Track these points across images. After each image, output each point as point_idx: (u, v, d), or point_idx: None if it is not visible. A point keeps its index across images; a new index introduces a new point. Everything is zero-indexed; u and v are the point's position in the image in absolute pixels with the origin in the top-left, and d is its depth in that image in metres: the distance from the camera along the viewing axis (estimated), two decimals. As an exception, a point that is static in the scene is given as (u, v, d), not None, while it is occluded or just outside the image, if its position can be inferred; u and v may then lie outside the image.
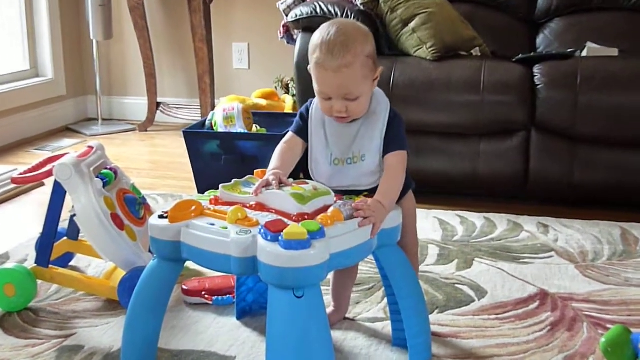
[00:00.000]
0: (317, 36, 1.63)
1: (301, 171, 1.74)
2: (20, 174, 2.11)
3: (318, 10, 3.02)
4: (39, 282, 2.06)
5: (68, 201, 2.01)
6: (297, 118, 1.74)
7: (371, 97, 1.68)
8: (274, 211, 1.52)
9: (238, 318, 1.96)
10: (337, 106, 1.62)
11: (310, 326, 1.39)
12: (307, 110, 1.72)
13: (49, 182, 2.10)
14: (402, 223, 1.67)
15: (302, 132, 1.72)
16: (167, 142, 4.03)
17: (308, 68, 1.67)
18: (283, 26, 3.35)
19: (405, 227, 1.71)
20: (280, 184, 1.58)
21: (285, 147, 1.72)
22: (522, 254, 2.41)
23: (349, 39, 1.59)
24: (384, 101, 1.71)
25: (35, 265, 2.06)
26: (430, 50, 2.95)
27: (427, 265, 2.31)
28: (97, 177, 2.03)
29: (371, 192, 1.65)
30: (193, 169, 2.97)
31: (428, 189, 1.81)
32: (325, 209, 1.53)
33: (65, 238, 2.23)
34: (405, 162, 1.67)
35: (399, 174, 1.65)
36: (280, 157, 1.69)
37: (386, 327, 1.90)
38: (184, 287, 2.07)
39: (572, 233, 2.59)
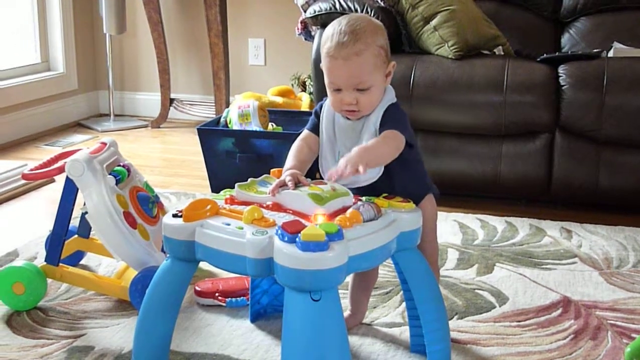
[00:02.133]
0: (329, 29, 1.63)
1: (317, 169, 1.74)
2: (31, 169, 2.11)
3: (337, 6, 3.01)
4: (49, 280, 2.05)
5: (79, 198, 2.00)
6: (312, 115, 1.74)
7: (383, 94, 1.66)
8: (290, 212, 1.52)
9: (252, 321, 1.94)
10: (347, 98, 1.61)
11: (327, 330, 1.39)
12: (321, 107, 1.73)
13: (60, 179, 2.11)
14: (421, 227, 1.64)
15: (317, 129, 1.72)
16: (180, 140, 4.02)
17: (321, 65, 1.67)
18: (301, 22, 3.33)
19: (424, 233, 1.67)
20: (298, 184, 1.57)
21: (301, 145, 1.72)
22: (545, 259, 2.38)
23: (360, 29, 1.59)
24: (391, 93, 1.68)
25: (45, 263, 2.05)
26: (452, 48, 2.92)
27: (447, 269, 2.29)
28: (110, 174, 2.02)
29: (389, 193, 1.63)
30: (207, 167, 2.97)
31: (448, 191, 1.78)
32: (343, 210, 1.52)
33: (76, 236, 2.22)
34: (397, 140, 1.60)
35: (383, 142, 1.58)
36: (296, 155, 1.69)
37: (404, 332, 1.88)
38: (196, 288, 2.05)
39: (597, 239, 2.55)
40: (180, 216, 1.51)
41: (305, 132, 1.74)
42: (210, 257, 1.48)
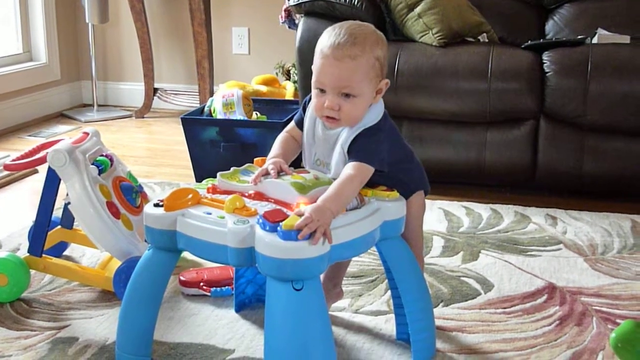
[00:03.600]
0: (329, 30, 1.58)
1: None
2: (13, 160, 2.09)
3: (321, -7, 2.97)
4: (32, 272, 2.03)
5: (62, 189, 1.98)
6: (300, 108, 1.71)
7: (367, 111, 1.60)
8: (273, 201, 1.51)
9: (237, 311, 1.93)
10: (330, 101, 1.55)
11: (310, 319, 1.39)
12: (310, 100, 1.68)
13: (43, 169, 2.09)
14: (407, 219, 1.63)
15: (302, 123, 1.69)
16: (164, 129, 4.00)
17: (312, 67, 1.62)
18: (285, 10, 3.32)
19: (410, 229, 1.66)
20: (280, 173, 1.56)
21: (286, 136, 1.70)
22: (530, 246, 2.38)
23: (360, 35, 1.55)
24: (374, 112, 1.61)
25: (28, 254, 2.04)
26: (436, 36, 2.91)
27: (432, 257, 2.29)
28: (92, 164, 2.01)
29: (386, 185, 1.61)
30: (191, 157, 2.96)
31: (433, 179, 1.76)
32: (326, 198, 1.50)
33: (59, 227, 2.21)
34: (362, 175, 1.53)
35: (350, 180, 1.50)
36: (282, 145, 1.68)
37: (389, 320, 1.87)
38: (181, 278, 2.05)
39: (581, 225, 2.56)
40: (162, 205, 1.50)
41: (291, 124, 1.71)
42: (192, 247, 1.47)
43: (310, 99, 1.67)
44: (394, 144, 1.64)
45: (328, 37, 1.56)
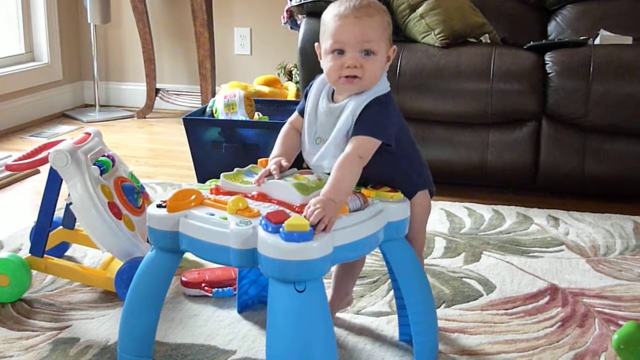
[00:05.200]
0: (335, 3, 1.60)
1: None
2: (15, 160, 2.09)
3: (323, -6, 2.97)
4: (34, 272, 2.03)
5: (64, 189, 1.98)
6: (302, 97, 1.71)
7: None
8: (276, 202, 1.51)
9: (239, 312, 1.93)
10: (351, 60, 1.55)
11: (312, 321, 1.38)
12: (311, 87, 1.68)
13: (45, 170, 2.08)
14: (411, 220, 1.62)
15: (304, 111, 1.68)
16: (166, 130, 4.00)
17: (315, 45, 1.63)
18: (287, 11, 3.31)
19: (413, 230, 1.65)
20: (282, 171, 1.56)
21: (288, 128, 1.70)
22: (532, 247, 2.38)
23: (370, 2, 1.59)
24: (383, 84, 1.61)
25: (30, 255, 2.03)
26: (438, 36, 2.91)
27: (434, 258, 2.28)
28: (94, 164, 2.01)
29: (379, 184, 1.61)
30: (193, 157, 2.96)
31: (435, 179, 1.75)
32: (330, 200, 1.50)
33: (60, 227, 2.21)
34: (365, 149, 1.53)
35: (347, 164, 1.50)
36: (284, 141, 1.67)
37: (392, 321, 1.87)
38: (183, 278, 2.04)
39: (583, 226, 2.55)
40: (165, 207, 1.50)
41: (294, 114, 1.70)
42: (195, 248, 1.47)
43: (311, 86, 1.67)
44: (401, 119, 1.63)
45: (339, 5, 1.58)
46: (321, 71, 1.64)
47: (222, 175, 1.59)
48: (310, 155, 1.62)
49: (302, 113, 1.68)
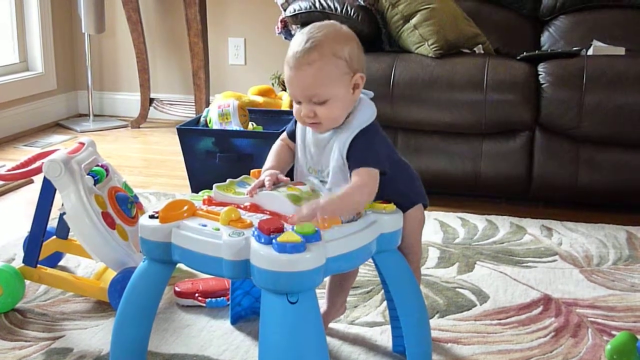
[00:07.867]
0: (294, 38, 1.57)
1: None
2: (8, 170, 2.08)
3: (317, 5, 3.00)
4: (27, 282, 2.03)
5: (58, 199, 1.98)
6: (293, 120, 1.69)
7: (355, 107, 1.58)
8: (268, 213, 1.50)
9: (232, 323, 1.92)
10: (304, 110, 1.54)
11: (305, 333, 1.37)
12: None
13: (38, 180, 2.09)
14: (405, 233, 1.62)
15: (294, 134, 1.68)
16: (160, 139, 4.00)
17: None
18: (281, 21, 3.32)
19: (409, 243, 1.66)
20: (276, 184, 1.55)
21: (281, 144, 1.70)
22: (525, 257, 2.38)
23: (318, 38, 1.52)
24: (366, 113, 1.59)
25: (23, 264, 2.03)
26: (432, 47, 2.91)
27: (428, 268, 2.28)
28: (88, 174, 2.01)
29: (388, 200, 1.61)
30: (187, 167, 2.95)
31: (428, 189, 1.75)
32: (322, 210, 1.50)
33: (54, 237, 2.21)
34: (369, 180, 1.52)
35: (352, 193, 1.50)
36: (277, 154, 1.67)
37: (385, 331, 1.87)
38: (176, 288, 2.04)
39: (577, 236, 2.56)
40: (157, 217, 1.49)
41: (284, 134, 1.70)
42: (187, 259, 1.46)
43: None
44: (389, 145, 1.63)
45: (291, 46, 1.54)
46: None
47: (214, 186, 1.58)
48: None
49: (290, 135, 1.68)
